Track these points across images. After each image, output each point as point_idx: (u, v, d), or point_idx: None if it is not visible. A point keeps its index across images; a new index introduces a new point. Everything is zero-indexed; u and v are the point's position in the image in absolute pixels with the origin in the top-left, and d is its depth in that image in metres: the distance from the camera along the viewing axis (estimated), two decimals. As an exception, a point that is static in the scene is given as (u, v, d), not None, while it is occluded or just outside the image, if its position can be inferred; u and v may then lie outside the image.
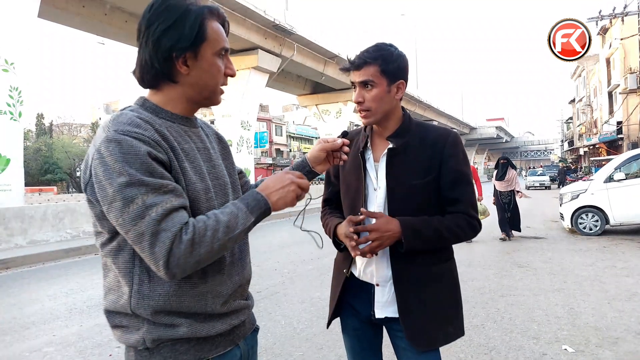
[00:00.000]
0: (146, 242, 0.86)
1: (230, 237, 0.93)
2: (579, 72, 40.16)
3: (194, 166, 1.00)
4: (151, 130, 0.93)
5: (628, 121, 22.61)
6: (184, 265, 0.87)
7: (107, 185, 0.87)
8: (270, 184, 1.05)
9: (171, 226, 0.87)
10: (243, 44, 17.95)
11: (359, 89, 1.35)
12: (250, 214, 0.98)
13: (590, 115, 35.97)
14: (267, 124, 44.50)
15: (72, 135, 46.79)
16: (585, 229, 8.54)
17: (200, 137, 1.09)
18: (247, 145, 19.64)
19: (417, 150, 1.37)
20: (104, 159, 0.88)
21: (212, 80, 1.03)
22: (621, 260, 6.08)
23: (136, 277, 0.94)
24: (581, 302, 4.21)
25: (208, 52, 1.00)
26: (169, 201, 0.88)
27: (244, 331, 1.11)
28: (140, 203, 0.86)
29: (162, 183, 0.89)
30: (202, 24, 0.98)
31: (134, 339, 0.95)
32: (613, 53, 25.99)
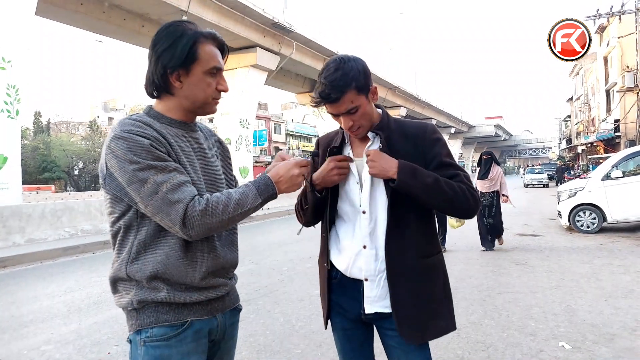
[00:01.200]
0: (163, 212, 1.08)
1: (240, 212, 1.14)
2: (576, 71, 40.21)
3: (189, 161, 1.20)
4: (151, 130, 1.15)
5: (625, 119, 22.66)
6: (197, 229, 1.09)
7: (123, 172, 1.08)
8: (280, 172, 1.22)
9: (182, 198, 1.08)
10: (242, 42, 17.93)
11: (344, 118, 1.33)
12: (259, 196, 1.18)
13: (588, 114, 36.05)
14: (266, 122, 44.45)
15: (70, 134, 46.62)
16: (582, 226, 8.56)
17: (196, 140, 1.29)
18: (246, 143, 19.63)
19: (399, 142, 1.39)
20: (115, 152, 1.09)
21: (201, 94, 1.22)
22: (618, 258, 6.11)
23: (134, 248, 1.14)
24: (578, 299, 4.23)
25: (198, 71, 1.19)
26: (175, 177, 1.10)
27: (223, 306, 1.27)
28: (152, 182, 1.07)
29: (167, 164, 1.11)
30: (193, 47, 1.17)
31: (125, 301, 1.16)
32: (610, 51, 26.04)
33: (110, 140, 1.11)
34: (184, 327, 1.16)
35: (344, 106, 1.30)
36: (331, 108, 1.32)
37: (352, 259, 1.40)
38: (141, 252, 1.14)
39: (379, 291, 1.37)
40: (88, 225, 9.80)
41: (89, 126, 45.96)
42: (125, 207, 1.15)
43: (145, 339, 1.14)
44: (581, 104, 38.81)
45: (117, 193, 1.12)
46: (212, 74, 1.21)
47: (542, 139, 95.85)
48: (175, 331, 1.15)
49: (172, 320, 1.15)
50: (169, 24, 1.21)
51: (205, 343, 1.21)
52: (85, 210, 9.91)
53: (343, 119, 1.34)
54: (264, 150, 43.08)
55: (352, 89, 1.29)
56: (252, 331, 3.55)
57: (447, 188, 1.31)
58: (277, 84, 25.04)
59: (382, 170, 1.31)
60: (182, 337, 1.16)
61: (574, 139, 42.96)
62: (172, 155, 1.15)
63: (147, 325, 1.15)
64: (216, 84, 1.23)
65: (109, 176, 1.12)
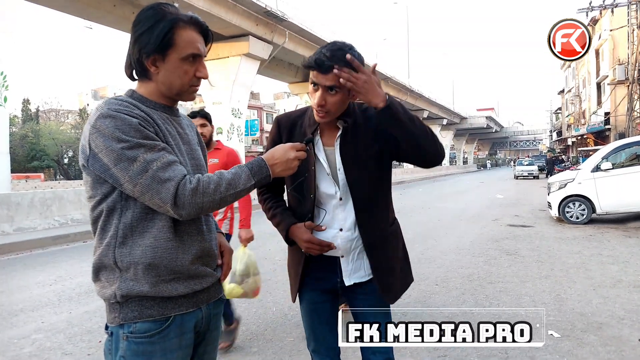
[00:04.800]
0: (154, 190, 1.05)
1: (231, 192, 1.12)
2: (568, 63, 40.38)
3: (175, 144, 1.19)
4: (138, 111, 1.12)
5: (615, 112, 22.88)
6: (189, 208, 1.07)
7: (110, 151, 1.04)
8: (277, 155, 1.22)
9: (173, 176, 1.06)
10: (234, 30, 17.70)
11: (322, 91, 1.36)
12: (252, 177, 1.16)
13: (579, 106, 36.34)
14: (258, 111, 44.20)
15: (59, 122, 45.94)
16: (572, 217, 8.67)
17: (180, 124, 1.28)
18: (238, 133, 19.51)
19: (364, 126, 1.48)
20: (102, 131, 1.05)
21: (177, 81, 1.18)
22: (607, 249, 6.20)
23: (120, 232, 1.10)
24: (567, 288, 4.29)
25: (174, 57, 1.15)
26: (165, 156, 1.08)
27: (208, 297, 1.25)
28: (142, 160, 1.04)
29: (155, 143, 1.09)
30: (169, 32, 1.14)
31: (108, 293, 1.12)
32: (602, 44, 26.18)
33: (96, 119, 1.07)
34: (167, 323, 1.14)
35: (329, 80, 1.33)
36: (317, 76, 1.35)
37: (330, 239, 1.50)
38: (128, 236, 1.11)
39: (353, 264, 1.53)
40: (78, 214, 9.70)
41: (78, 114, 45.31)
42: (109, 189, 1.10)
43: (128, 334, 1.12)
44: (572, 96, 39.10)
45: (100, 174, 1.08)
46: (189, 61, 1.17)
47: (533, 131, 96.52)
48: (159, 327, 1.13)
49: (156, 316, 1.13)
50: (150, 6, 1.17)
51: (190, 337, 1.20)
52: (75, 199, 9.80)
53: (320, 93, 1.36)
54: (256, 140, 42.90)
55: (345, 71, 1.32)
56: (244, 320, 3.55)
57: (419, 124, 1.39)
58: (269, 73, 24.83)
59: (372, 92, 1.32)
60: (165, 333, 1.14)
61: (565, 131, 43.35)
62: (159, 136, 1.13)
63: (131, 320, 1.12)
64: (194, 71, 1.19)
65: (92, 157, 1.07)
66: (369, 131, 1.48)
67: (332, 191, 1.49)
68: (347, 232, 1.50)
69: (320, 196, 1.51)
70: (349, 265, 1.52)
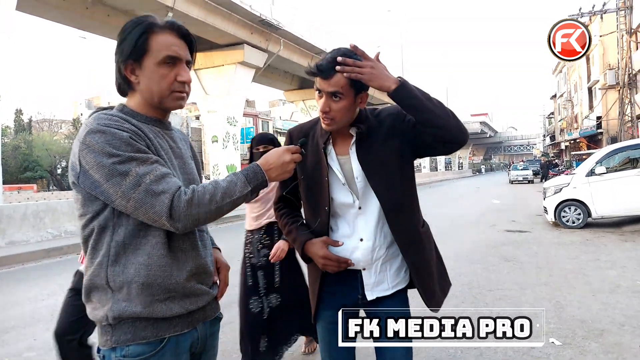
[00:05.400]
0: (148, 204, 1.02)
1: (227, 201, 1.09)
2: (560, 68, 40.84)
3: (167, 158, 1.16)
4: (128, 125, 1.10)
5: (607, 116, 23.10)
6: (185, 220, 1.05)
7: (101, 167, 1.02)
8: (271, 160, 1.19)
9: (167, 188, 1.04)
10: (229, 38, 17.73)
11: (325, 98, 1.32)
12: (248, 184, 1.13)
13: (571, 110, 36.67)
14: (253, 119, 44.17)
15: (53, 132, 45.70)
16: (568, 222, 8.68)
17: (172, 138, 1.25)
18: (234, 141, 19.44)
19: (378, 129, 1.43)
20: (92, 147, 1.03)
21: (155, 87, 1.15)
22: (604, 253, 6.20)
23: (112, 250, 1.07)
24: (567, 295, 4.27)
25: (150, 62, 1.13)
26: (157, 169, 1.06)
27: (204, 315, 1.21)
28: (134, 174, 1.02)
29: (148, 156, 1.07)
30: (141, 38, 1.12)
31: (100, 315, 1.08)
32: (592, 49, 26.48)
33: (86, 134, 1.04)
34: (162, 345, 1.10)
35: (332, 86, 1.30)
36: (320, 82, 1.32)
37: (350, 251, 1.43)
38: (121, 254, 1.07)
39: (376, 277, 1.45)
40: (72, 226, 9.58)
41: (72, 124, 45.10)
42: (100, 207, 1.07)
43: (120, 358, 1.07)
44: (564, 101, 39.47)
45: (91, 191, 1.05)
46: (167, 64, 1.14)
47: (526, 136, 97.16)
48: (153, 349, 1.09)
49: (150, 337, 1.09)
50: (131, 19, 1.16)
51: (186, 359, 1.16)
52: (69, 210, 9.69)
53: (324, 99, 1.33)
54: (252, 148, 42.73)
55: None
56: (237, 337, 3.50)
57: (436, 101, 1.31)
58: (265, 81, 24.87)
59: (381, 77, 1.28)
60: (160, 356, 1.10)
61: (558, 135, 43.69)
62: (151, 149, 1.11)
63: (123, 343, 1.07)
64: (174, 75, 1.15)
65: (82, 174, 1.05)
66: (385, 131, 1.42)
67: (349, 201, 1.44)
68: (368, 242, 1.43)
69: (336, 207, 1.46)
70: (372, 278, 1.45)
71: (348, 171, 1.43)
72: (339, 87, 1.30)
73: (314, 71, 1.31)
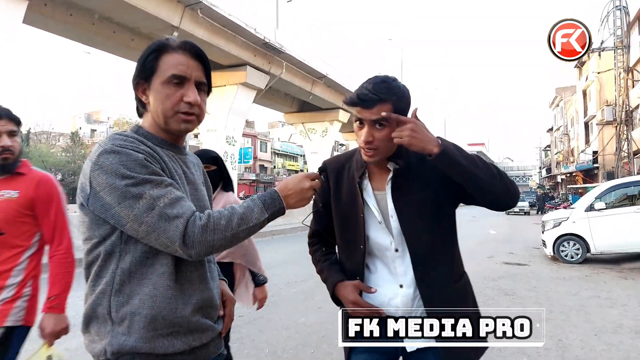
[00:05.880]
0: (161, 228, 0.98)
1: (244, 228, 1.04)
2: (557, 102, 41.54)
3: (180, 183, 1.12)
4: (144, 146, 1.07)
5: (603, 151, 23.35)
6: (199, 247, 0.99)
7: (113, 189, 0.98)
8: (290, 186, 1.14)
9: (182, 213, 1.00)
10: (232, 59, 17.98)
11: (368, 127, 1.25)
12: (266, 211, 1.08)
13: (568, 144, 37.09)
14: (252, 139, 44.38)
15: (50, 144, 45.62)
16: (567, 256, 8.62)
17: (186, 163, 1.22)
18: (232, 160, 19.47)
19: (418, 166, 1.33)
20: (105, 168, 0.99)
21: (160, 106, 1.11)
22: (604, 290, 6.12)
23: (117, 278, 1.02)
24: (569, 333, 4.17)
25: (157, 82, 1.11)
26: (172, 192, 1.02)
27: (207, 353, 1.14)
28: (148, 197, 0.98)
29: (162, 179, 1.03)
30: (150, 58, 1.11)
31: (98, 349, 1.02)
32: (589, 85, 27.00)
33: (99, 155, 1.01)
34: None
35: (374, 114, 1.23)
36: (361, 112, 1.25)
37: (389, 298, 1.33)
38: (125, 283, 1.02)
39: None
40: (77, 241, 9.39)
41: (70, 137, 45.06)
42: (108, 231, 1.02)
43: None
44: (561, 134, 39.97)
45: (100, 214, 1.00)
46: (173, 84, 1.10)
47: (522, 167, 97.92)
48: None
49: None
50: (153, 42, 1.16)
51: None
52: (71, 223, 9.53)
53: (366, 129, 1.25)
54: (249, 167, 42.88)
55: (389, 104, 1.23)
56: (236, 362, 3.37)
57: (481, 163, 1.21)
58: (265, 102, 25.10)
59: (422, 140, 1.18)
60: None
61: (554, 168, 44.04)
62: (166, 172, 1.08)
63: None
64: (180, 95, 1.10)
65: (92, 195, 1.00)
66: (425, 171, 1.31)
67: (386, 241, 1.33)
68: (409, 289, 1.32)
69: (372, 247, 1.35)
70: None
71: (384, 208, 1.34)
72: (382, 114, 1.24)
73: (355, 101, 1.25)
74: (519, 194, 1.29)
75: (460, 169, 1.19)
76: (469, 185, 1.22)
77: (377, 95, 1.22)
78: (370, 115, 1.24)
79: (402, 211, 1.31)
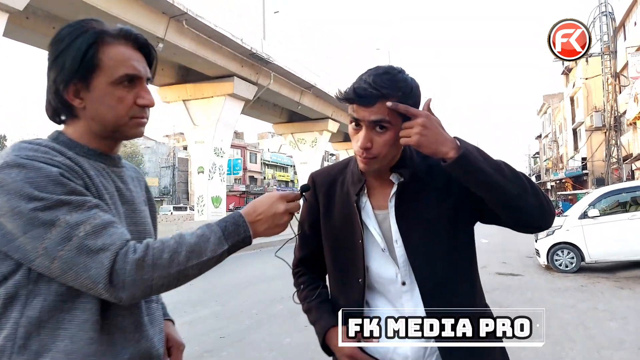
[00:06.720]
0: (80, 265, 0.75)
1: (194, 263, 0.82)
2: (544, 109, 41.99)
3: (111, 204, 0.89)
4: (62, 157, 0.83)
5: (592, 158, 23.47)
6: (132, 288, 0.77)
7: (16, 214, 0.75)
8: (260, 209, 0.91)
9: (109, 244, 0.77)
10: (219, 70, 17.79)
11: (366, 130, 0.99)
12: (225, 241, 0.86)
13: (556, 151, 37.39)
14: (241, 151, 44.15)
15: None
16: (561, 266, 8.44)
17: (122, 178, 0.98)
18: (220, 172, 19.20)
19: (427, 179, 1.07)
20: (5, 187, 0.76)
21: (110, 113, 0.90)
22: (601, 302, 5.93)
23: (22, 330, 0.78)
24: (569, 351, 3.94)
25: (101, 82, 0.89)
26: (97, 216, 0.79)
27: None
28: (63, 224, 0.76)
29: (84, 200, 0.80)
30: (90, 50, 0.87)
31: None
32: (577, 92, 27.27)
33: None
34: None
35: (374, 114, 0.97)
36: (358, 111, 0.99)
37: (394, 345, 1.06)
38: (33, 336, 0.78)
39: None
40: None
41: None
42: (10, 268, 0.79)
43: None
44: (549, 141, 40.33)
45: (1, 247, 0.78)
46: (124, 85, 0.90)
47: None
48: None
49: None
50: (68, 24, 0.90)
51: None
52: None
53: (363, 132, 0.99)
54: (239, 179, 42.59)
55: (394, 100, 0.97)
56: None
57: (517, 171, 0.96)
58: (254, 113, 24.92)
59: (436, 141, 0.92)
60: None
61: (543, 175, 44.34)
62: (92, 191, 0.85)
63: None
64: (134, 97, 0.91)
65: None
66: (437, 183, 1.06)
67: (390, 273, 1.07)
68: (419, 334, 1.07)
69: (373, 281, 1.09)
70: None
71: (387, 232, 1.08)
72: (385, 114, 0.97)
73: (351, 97, 0.99)
74: (555, 213, 1.02)
75: (484, 179, 0.93)
76: (492, 200, 0.97)
77: (378, 90, 0.95)
78: (369, 115, 0.97)
79: (410, 235, 1.05)
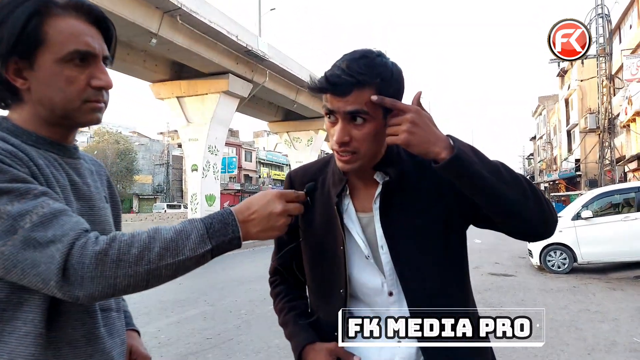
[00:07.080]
0: (27, 261, 0.65)
1: (168, 262, 0.69)
2: (539, 111, 42.14)
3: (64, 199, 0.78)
4: (3, 143, 0.74)
5: (586, 159, 23.56)
6: (90, 285, 0.66)
7: None
8: (253, 207, 0.78)
9: (61, 235, 0.66)
10: (214, 67, 17.64)
11: (342, 123, 0.88)
12: (209, 240, 0.73)
13: (551, 152, 37.55)
14: (236, 149, 43.97)
15: None
16: (553, 266, 8.43)
17: (77, 170, 0.87)
18: (214, 170, 19.05)
19: (415, 178, 0.97)
20: None
21: (58, 96, 0.79)
22: (593, 303, 5.91)
23: None
24: (561, 352, 3.91)
25: (47, 60, 0.78)
26: (45, 204, 0.68)
27: None
28: (4, 216, 0.66)
29: (29, 187, 0.70)
30: (32, 21, 0.76)
31: None
32: (572, 94, 27.35)
33: None
34: None
35: (350, 104, 0.85)
36: (333, 101, 0.87)
37: (384, 356, 0.96)
38: None
39: None
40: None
41: None
42: None
43: None
44: (544, 143, 40.48)
45: None
46: (75, 63, 0.79)
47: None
48: None
49: None
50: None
51: None
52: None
53: (340, 125, 0.88)
54: (234, 177, 42.42)
55: (372, 89, 0.85)
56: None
57: (517, 174, 0.87)
58: (249, 111, 24.78)
59: (427, 140, 0.82)
60: None
61: (537, 176, 44.54)
62: (40, 180, 0.75)
63: None
64: (87, 78, 0.80)
65: None
66: (425, 182, 0.96)
67: (376, 282, 0.97)
68: (410, 342, 0.95)
69: (356, 291, 0.99)
70: None
71: (371, 236, 0.97)
72: (362, 104, 0.85)
73: (323, 86, 0.86)
74: (557, 220, 0.92)
75: (479, 183, 0.83)
76: (488, 205, 0.87)
77: (353, 76, 0.84)
78: (344, 105, 0.86)
79: (396, 240, 0.95)
